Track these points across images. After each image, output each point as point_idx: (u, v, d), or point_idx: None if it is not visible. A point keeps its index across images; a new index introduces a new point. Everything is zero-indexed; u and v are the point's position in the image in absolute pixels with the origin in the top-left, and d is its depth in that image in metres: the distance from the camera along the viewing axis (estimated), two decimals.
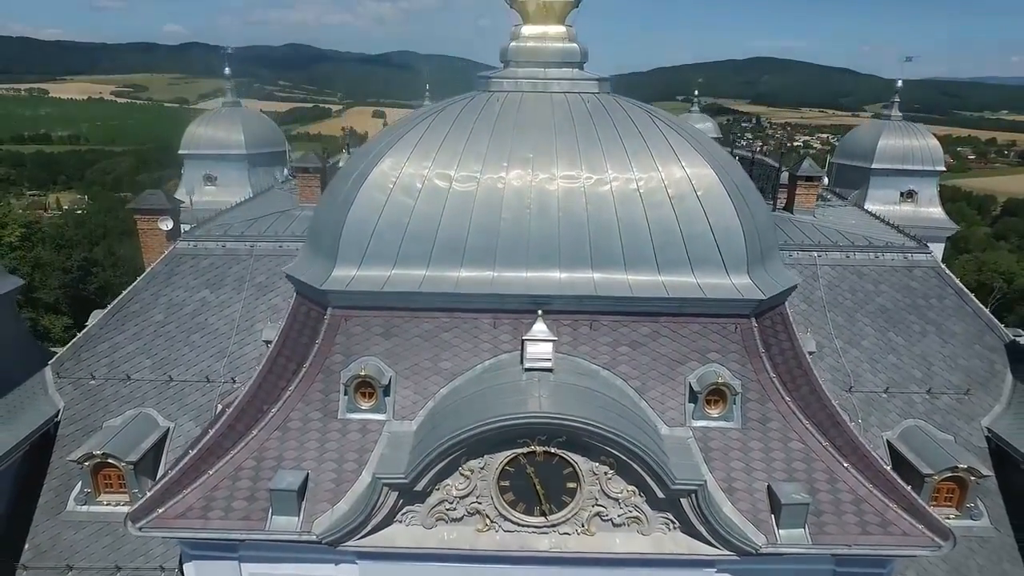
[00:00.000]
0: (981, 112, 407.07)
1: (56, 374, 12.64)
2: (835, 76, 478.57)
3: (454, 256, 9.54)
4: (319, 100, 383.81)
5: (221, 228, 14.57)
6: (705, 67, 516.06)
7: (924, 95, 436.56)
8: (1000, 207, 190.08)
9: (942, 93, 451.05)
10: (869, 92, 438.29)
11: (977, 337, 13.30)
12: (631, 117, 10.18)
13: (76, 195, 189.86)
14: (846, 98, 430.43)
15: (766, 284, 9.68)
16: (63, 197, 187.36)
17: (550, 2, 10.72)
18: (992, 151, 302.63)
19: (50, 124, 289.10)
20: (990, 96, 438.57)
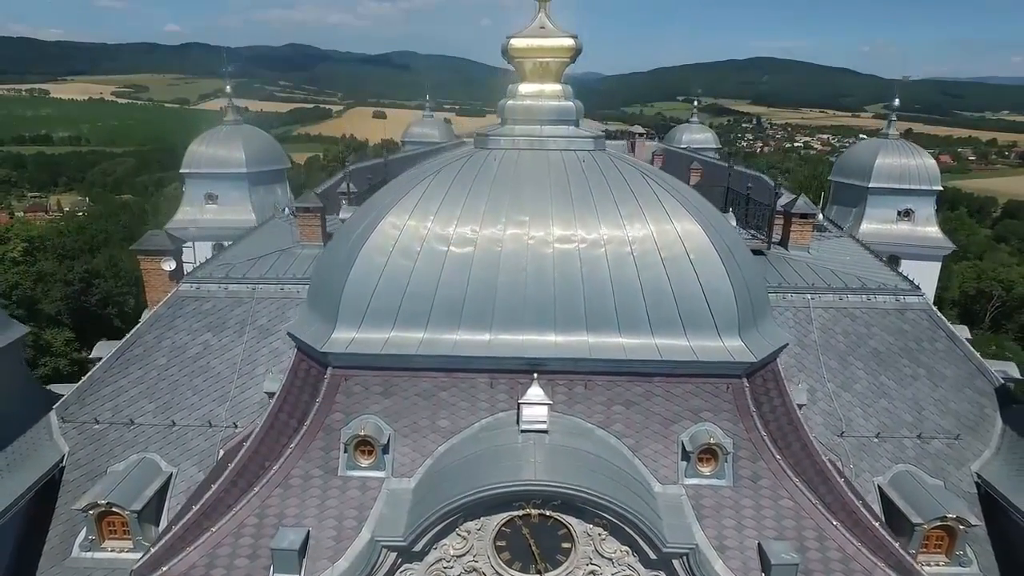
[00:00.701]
0: (982, 112, 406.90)
1: (61, 418, 12.85)
2: (835, 76, 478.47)
3: (452, 319, 9.74)
4: (320, 100, 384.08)
5: (223, 269, 14.77)
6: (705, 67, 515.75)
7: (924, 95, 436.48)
8: (1000, 209, 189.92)
9: (943, 93, 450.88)
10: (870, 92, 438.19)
11: (968, 380, 13.49)
12: (624, 177, 10.38)
13: (77, 197, 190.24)
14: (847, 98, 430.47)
15: (757, 345, 9.88)
16: (64, 199, 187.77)
17: (546, 62, 10.92)
18: (992, 152, 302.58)
19: (51, 125, 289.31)
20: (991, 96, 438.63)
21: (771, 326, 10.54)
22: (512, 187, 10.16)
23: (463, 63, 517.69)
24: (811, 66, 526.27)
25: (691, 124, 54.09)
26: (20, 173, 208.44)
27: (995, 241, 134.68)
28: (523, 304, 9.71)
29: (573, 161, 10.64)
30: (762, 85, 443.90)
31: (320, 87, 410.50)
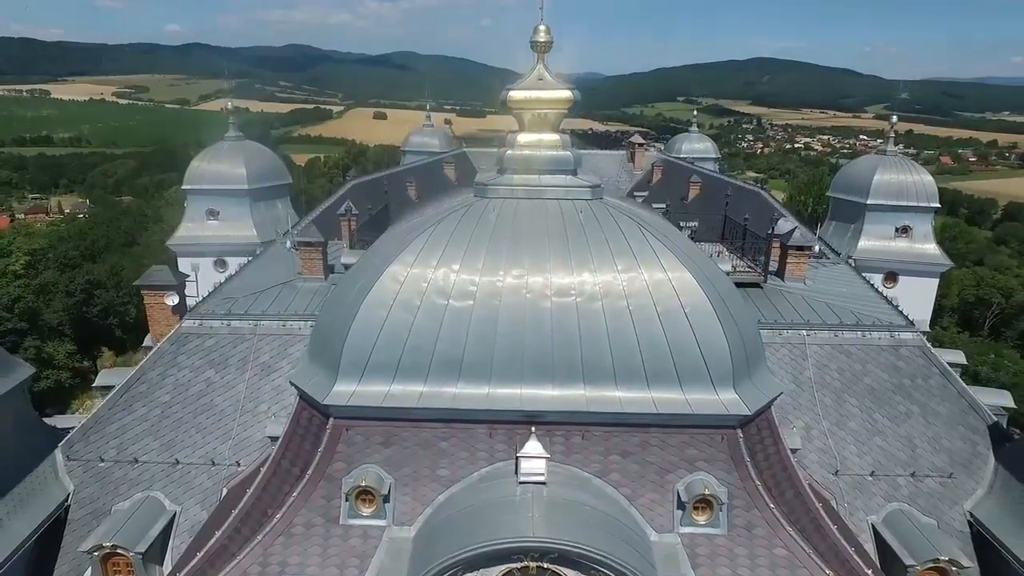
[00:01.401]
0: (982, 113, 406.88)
1: (66, 456, 13.03)
2: (836, 77, 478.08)
3: (451, 372, 9.92)
4: (320, 101, 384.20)
5: (225, 304, 14.95)
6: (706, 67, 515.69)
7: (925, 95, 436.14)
8: (1000, 210, 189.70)
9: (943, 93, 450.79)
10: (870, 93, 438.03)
11: (960, 417, 13.66)
12: (621, 229, 10.54)
13: (77, 198, 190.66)
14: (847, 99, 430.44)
15: (752, 397, 10.05)
16: (64, 200, 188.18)
17: (544, 113, 11.09)
18: (993, 153, 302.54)
19: (51, 126, 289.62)
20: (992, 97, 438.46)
21: (765, 375, 10.70)
22: (510, 240, 10.33)
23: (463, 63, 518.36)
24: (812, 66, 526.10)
25: (691, 133, 54.33)
26: (21, 175, 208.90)
27: (995, 244, 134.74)
28: (521, 357, 9.88)
29: (571, 212, 10.80)
30: (762, 86, 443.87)
31: (320, 87, 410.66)
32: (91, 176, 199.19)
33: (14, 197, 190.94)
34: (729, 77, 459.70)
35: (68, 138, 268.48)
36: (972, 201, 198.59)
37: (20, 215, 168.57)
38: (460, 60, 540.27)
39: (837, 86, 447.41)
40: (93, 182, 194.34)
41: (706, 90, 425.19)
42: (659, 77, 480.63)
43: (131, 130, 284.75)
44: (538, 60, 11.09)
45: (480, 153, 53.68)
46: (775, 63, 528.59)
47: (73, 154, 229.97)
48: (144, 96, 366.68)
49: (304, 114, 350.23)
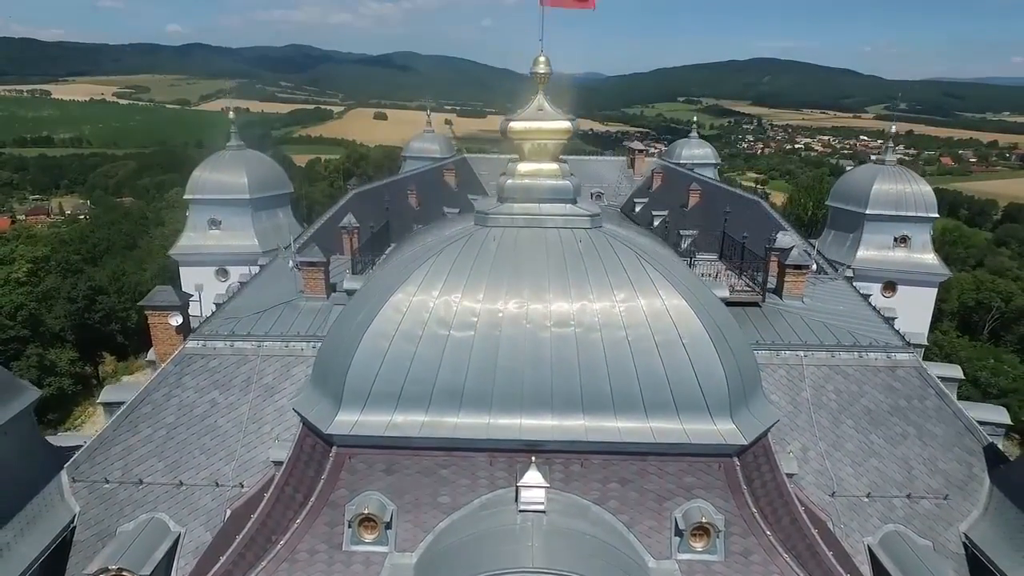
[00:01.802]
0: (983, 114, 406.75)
1: (72, 478, 13.19)
2: (837, 77, 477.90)
3: (452, 402, 10.07)
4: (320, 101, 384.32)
5: (228, 325, 15.10)
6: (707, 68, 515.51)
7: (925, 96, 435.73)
8: (1001, 211, 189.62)
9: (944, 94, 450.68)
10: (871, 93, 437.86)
11: (956, 439, 13.80)
12: (620, 259, 10.68)
13: (78, 200, 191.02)
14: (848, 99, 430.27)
15: (748, 426, 10.20)
16: (65, 201, 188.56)
17: (544, 143, 11.23)
18: (993, 154, 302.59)
19: (52, 126, 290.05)
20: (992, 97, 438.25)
21: (762, 403, 10.84)
22: (511, 270, 10.47)
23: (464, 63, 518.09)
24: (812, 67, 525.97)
25: (690, 139, 54.50)
26: (22, 176, 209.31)
27: (995, 245, 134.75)
28: (521, 388, 10.03)
29: (570, 241, 10.94)
30: (763, 86, 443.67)
31: (321, 88, 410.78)
32: (92, 177, 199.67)
33: (15, 198, 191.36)
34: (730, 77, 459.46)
35: (69, 139, 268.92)
36: (972, 202, 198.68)
37: (21, 216, 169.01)
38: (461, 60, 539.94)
39: (838, 86, 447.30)
40: (94, 183, 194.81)
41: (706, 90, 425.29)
42: (659, 77, 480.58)
43: (132, 131, 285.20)
44: (538, 91, 11.22)
45: (480, 159, 53.94)
46: (776, 63, 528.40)
47: (74, 155, 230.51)
48: (145, 96, 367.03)
49: (304, 114, 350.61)
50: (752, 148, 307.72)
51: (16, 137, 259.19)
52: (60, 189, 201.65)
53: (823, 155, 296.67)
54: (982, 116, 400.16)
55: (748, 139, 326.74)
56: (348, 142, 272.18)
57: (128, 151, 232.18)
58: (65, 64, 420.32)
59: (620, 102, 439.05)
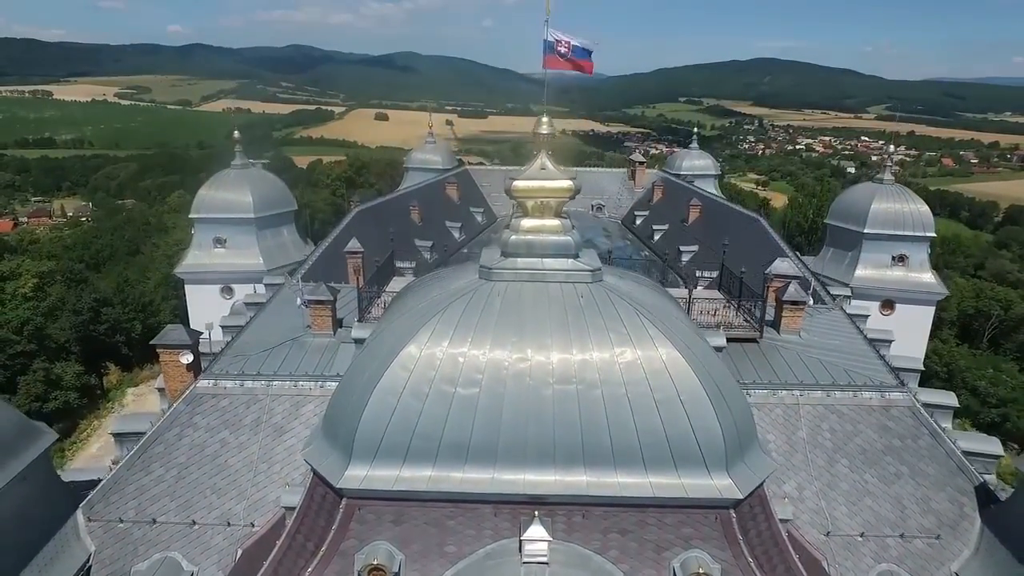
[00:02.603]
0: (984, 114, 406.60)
1: (87, 518, 13.56)
2: (838, 77, 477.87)
3: (458, 456, 10.43)
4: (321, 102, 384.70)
5: (238, 363, 15.46)
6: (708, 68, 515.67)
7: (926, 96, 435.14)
8: (1002, 213, 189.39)
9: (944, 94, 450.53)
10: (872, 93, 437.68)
11: (949, 478, 14.14)
12: (620, 315, 11.02)
13: (80, 201, 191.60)
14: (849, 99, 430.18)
15: (744, 480, 10.56)
16: (67, 203, 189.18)
17: (546, 201, 11.59)
18: (995, 155, 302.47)
19: (54, 127, 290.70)
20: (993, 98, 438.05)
21: (757, 455, 11.18)
22: (514, 328, 10.82)
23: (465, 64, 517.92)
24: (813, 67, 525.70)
25: (691, 150, 54.85)
26: (24, 177, 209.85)
27: (996, 248, 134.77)
28: (524, 443, 10.40)
29: (572, 296, 11.29)
30: (764, 86, 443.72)
31: (322, 88, 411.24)
32: (94, 179, 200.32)
33: (17, 200, 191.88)
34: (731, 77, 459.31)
35: (70, 140, 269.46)
36: (973, 204, 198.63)
37: (23, 219, 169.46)
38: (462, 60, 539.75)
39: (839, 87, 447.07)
40: (96, 185, 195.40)
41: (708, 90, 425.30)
42: (661, 77, 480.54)
43: (133, 132, 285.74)
44: (541, 151, 11.57)
45: (482, 170, 54.34)
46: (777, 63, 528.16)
47: (76, 156, 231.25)
48: (146, 97, 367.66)
49: (306, 115, 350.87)
50: (753, 149, 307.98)
51: (18, 138, 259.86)
52: (62, 191, 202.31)
53: (824, 156, 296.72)
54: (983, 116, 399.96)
55: (749, 140, 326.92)
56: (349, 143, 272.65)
57: (130, 152, 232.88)
58: (66, 64, 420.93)
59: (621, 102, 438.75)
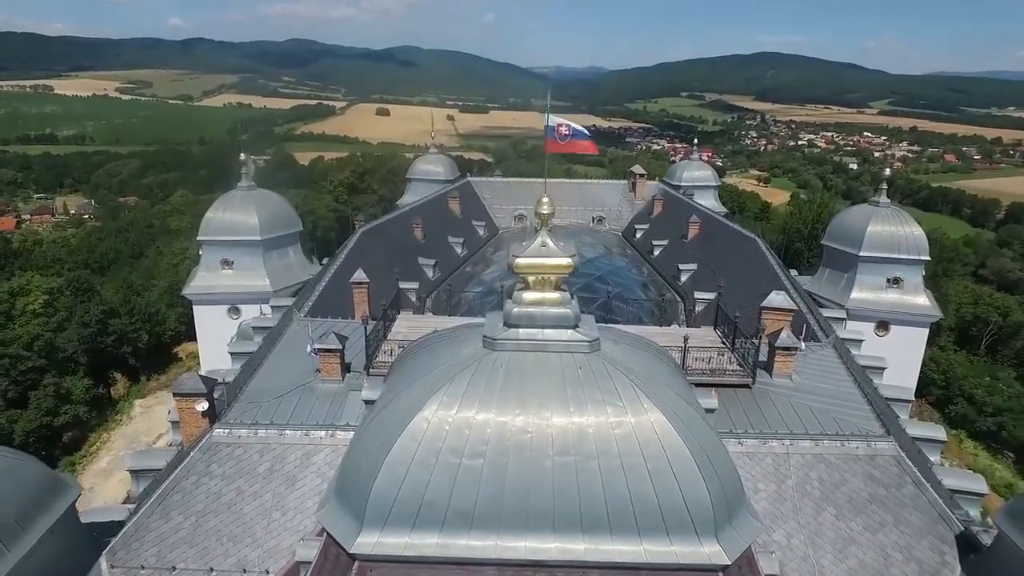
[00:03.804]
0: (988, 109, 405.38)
1: (111, 565, 14.26)
2: (841, 71, 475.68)
3: (463, 524, 11.10)
4: (323, 97, 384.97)
5: (251, 413, 16.14)
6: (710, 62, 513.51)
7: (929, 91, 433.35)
8: (1004, 211, 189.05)
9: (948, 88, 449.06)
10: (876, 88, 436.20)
11: (931, 527, 14.80)
12: (616, 387, 11.64)
13: (83, 199, 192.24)
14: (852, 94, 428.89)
15: (731, 545, 11.22)
16: (70, 201, 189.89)
17: (547, 276, 12.19)
18: (997, 151, 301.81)
19: (55, 123, 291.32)
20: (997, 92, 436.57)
21: (744, 519, 11.83)
22: (517, 400, 11.46)
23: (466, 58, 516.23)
24: (816, 61, 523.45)
25: (691, 161, 55.43)
26: (26, 174, 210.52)
27: (997, 246, 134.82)
28: (526, 513, 11.06)
29: (571, 368, 11.91)
30: (766, 81, 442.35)
31: (323, 83, 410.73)
32: (96, 176, 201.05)
33: (19, 197, 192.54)
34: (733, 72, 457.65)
35: (72, 136, 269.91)
36: (975, 201, 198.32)
37: (26, 216, 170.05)
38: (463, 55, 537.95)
39: (842, 81, 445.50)
40: (98, 182, 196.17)
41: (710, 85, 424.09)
42: (662, 72, 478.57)
43: (135, 127, 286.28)
44: (542, 229, 12.17)
45: (484, 182, 54.88)
46: (779, 57, 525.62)
47: (78, 153, 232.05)
48: (147, 92, 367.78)
49: (307, 110, 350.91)
50: (755, 145, 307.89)
51: (20, 134, 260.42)
52: (64, 188, 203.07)
53: (826, 152, 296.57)
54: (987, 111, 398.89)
55: (751, 135, 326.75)
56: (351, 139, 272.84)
57: (132, 149, 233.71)
58: (67, 59, 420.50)
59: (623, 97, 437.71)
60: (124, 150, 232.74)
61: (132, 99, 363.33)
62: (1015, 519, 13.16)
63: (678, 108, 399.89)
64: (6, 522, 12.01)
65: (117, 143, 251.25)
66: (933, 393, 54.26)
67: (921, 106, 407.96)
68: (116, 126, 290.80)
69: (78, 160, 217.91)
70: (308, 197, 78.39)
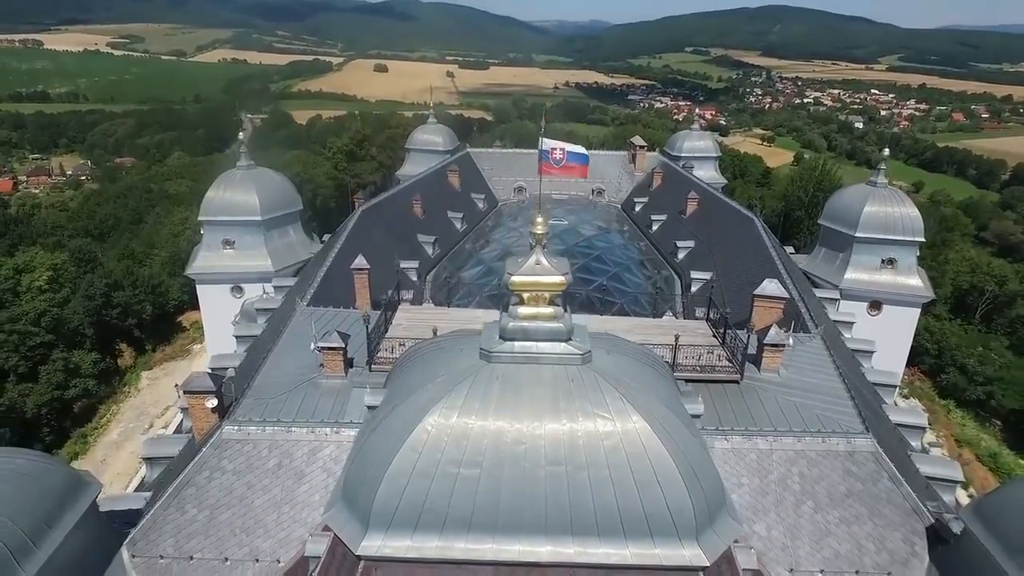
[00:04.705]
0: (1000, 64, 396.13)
1: (132, 555, 15.20)
2: (849, 24, 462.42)
3: (461, 529, 11.90)
4: (319, 52, 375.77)
5: (259, 410, 16.85)
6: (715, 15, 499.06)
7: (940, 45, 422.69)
8: (1009, 172, 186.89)
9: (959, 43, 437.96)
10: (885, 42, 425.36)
11: (903, 520, 15.65)
12: (605, 399, 12.26)
13: (79, 159, 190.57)
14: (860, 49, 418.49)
15: (711, 547, 12.04)
16: (66, 161, 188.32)
17: (541, 292, 12.66)
18: (1007, 109, 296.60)
19: (47, 80, 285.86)
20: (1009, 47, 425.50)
21: (725, 522, 12.62)
22: (512, 413, 12.10)
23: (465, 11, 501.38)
24: (824, 14, 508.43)
25: (691, 132, 54.94)
26: (20, 133, 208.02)
27: (1001, 208, 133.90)
28: (520, 519, 11.84)
29: (563, 380, 12.52)
30: (773, 35, 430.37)
31: (320, 38, 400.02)
32: (91, 136, 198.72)
33: (15, 157, 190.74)
34: (739, 26, 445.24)
35: (65, 93, 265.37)
36: (981, 162, 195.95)
37: (23, 177, 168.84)
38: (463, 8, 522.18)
39: (850, 35, 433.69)
40: (93, 142, 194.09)
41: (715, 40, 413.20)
42: (667, 26, 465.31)
43: (128, 84, 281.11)
44: (537, 248, 12.56)
45: (483, 153, 54.55)
46: (787, 10, 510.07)
47: (71, 112, 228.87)
48: (139, 47, 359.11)
49: (303, 66, 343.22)
50: (760, 103, 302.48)
51: (11, 92, 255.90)
52: (59, 148, 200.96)
53: (831, 110, 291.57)
54: (998, 67, 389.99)
55: (756, 93, 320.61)
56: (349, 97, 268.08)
57: (126, 107, 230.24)
58: (56, 11, 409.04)
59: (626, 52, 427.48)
60: (118, 108, 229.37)
61: (124, 55, 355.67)
62: (980, 516, 13.96)
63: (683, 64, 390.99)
64: (35, 523, 12.82)
65: (111, 101, 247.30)
66: (926, 362, 55.09)
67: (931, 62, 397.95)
68: (109, 83, 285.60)
69: (72, 119, 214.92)
70: (307, 163, 77.86)
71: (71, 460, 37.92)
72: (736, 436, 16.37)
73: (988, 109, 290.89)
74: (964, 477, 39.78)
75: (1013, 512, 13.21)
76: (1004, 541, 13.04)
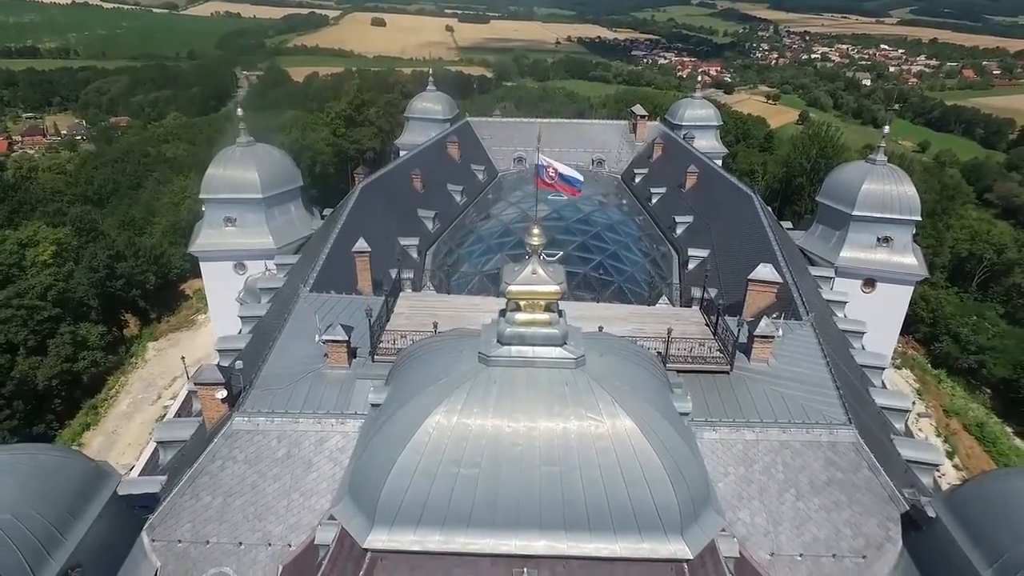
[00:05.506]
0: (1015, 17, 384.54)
1: (151, 539, 16.13)
2: None
3: (461, 524, 12.72)
4: (315, 5, 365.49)
5: (267, 401, 17.54)
6: None
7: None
8: (1017, 131, 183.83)
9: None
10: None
11: (880, 507, 16.50)
12: (598, 403, 12.91)
13: (73, 118, 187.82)
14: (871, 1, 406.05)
15: (695, 540, 12.89)
16: (60, 120, 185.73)
17: (537, 300, 13.13)
18: (1019, 66, 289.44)
19: (36, 34, 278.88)
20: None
21: (709, 516, 13.45)
22: (508, 415, 12.76)
23: None
24: None
25: (693, 100, 54.28)
26: (12, 91, 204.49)
27: (1007, 169, 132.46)
28: (516, 515, 12.65)
29: (558, 384, 13.13)
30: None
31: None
32: (84, 94, 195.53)
33: (8, 116, 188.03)
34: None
35: (56, 49, 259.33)
36: (989, 121, 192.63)
37: (17, 137, 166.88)
38: None
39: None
40: (87, 100, 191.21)
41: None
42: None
43: (120, 39, 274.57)
44: (533, 257, 12.97)
45: (483, 122, 54.00)
46: None
47: (63, 69, 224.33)
48: None
49: (299, 20, 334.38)
50: (766, 59, 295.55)
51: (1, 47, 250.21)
52: (53, 106, 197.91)
53: (839, 66, 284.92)
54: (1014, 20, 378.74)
55: (763, 48, 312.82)
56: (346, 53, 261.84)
57: (118, 63, 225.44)
58: None
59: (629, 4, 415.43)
60: (111, 65, 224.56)
61: (115, 7, 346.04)
62: (950, 507, 14.79)
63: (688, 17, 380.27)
64: (61, 515, 13.65)
65: (103, 57, 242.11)
66: (921, 331, 55.84)
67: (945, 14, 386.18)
68: (100, 37, 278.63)
69: (64, 76, 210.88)
70: (306, 125, 77.02)
71: (83, 431, 39.11)
72: (724, 427, 17.09)
73: (1000, 65, 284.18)
74: (950, 447, 41.37)
75: (980, 505, 14.02)
76: (969, 531, 13.88)
